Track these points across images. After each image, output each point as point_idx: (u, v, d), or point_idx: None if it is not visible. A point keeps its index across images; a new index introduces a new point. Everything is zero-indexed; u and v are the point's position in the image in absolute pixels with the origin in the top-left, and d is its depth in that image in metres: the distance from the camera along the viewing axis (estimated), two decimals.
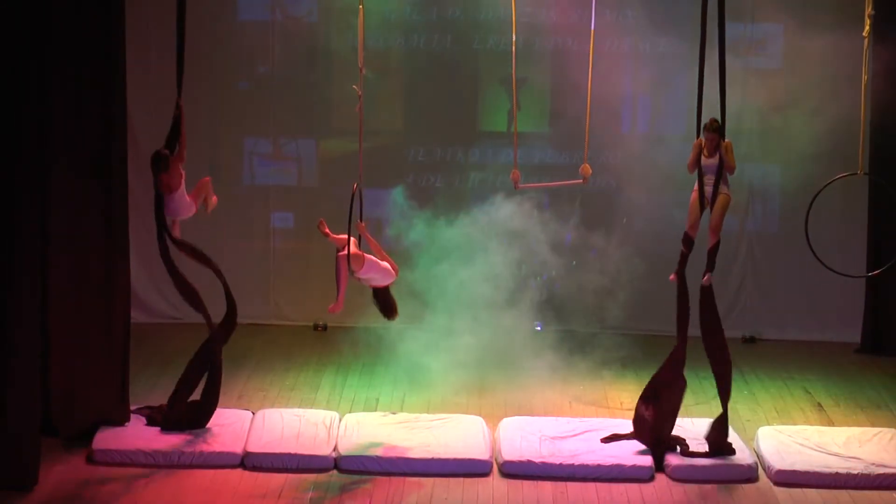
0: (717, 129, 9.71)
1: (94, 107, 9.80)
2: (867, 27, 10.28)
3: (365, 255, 9.76)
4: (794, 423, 10.83)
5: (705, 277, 9.85)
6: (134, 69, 10.45)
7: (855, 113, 12.73)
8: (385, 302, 9.94)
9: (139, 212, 11.42)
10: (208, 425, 10.17)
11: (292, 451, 9.77)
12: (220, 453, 9.74)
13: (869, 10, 10.28)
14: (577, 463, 9.70)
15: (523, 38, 11.70)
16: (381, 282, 9.86)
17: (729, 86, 9.64)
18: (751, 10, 13.27)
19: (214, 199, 10.18)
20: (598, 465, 9.68)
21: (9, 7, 8.95)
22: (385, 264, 9.84)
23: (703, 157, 9.80)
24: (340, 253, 9.61)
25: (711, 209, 9.84)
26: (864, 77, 10.37)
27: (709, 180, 9.79)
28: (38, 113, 9.18)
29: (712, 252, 9.85)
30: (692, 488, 9.53)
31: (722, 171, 9.74)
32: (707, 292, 9.85)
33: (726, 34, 9.44)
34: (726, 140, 9.71)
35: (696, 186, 9.91)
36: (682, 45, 12.47)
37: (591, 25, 10.11)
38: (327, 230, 9.77)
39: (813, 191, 10.17)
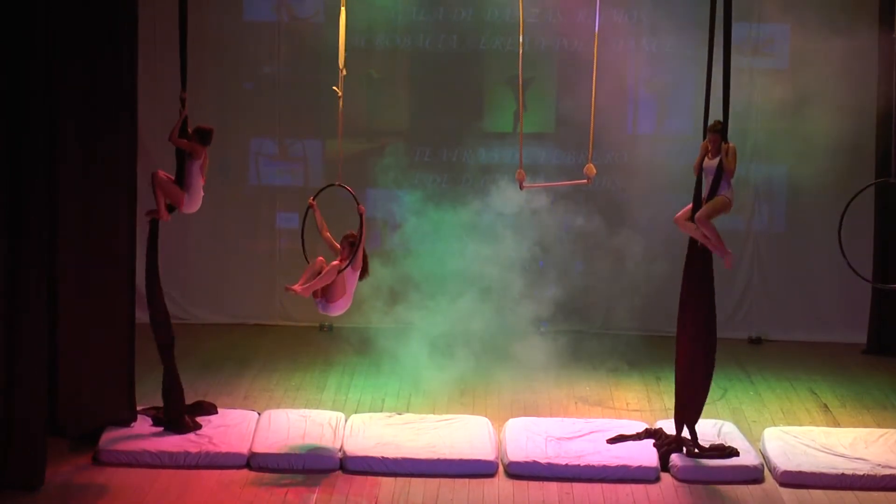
0: (718, 130, 9.57)
1: (102, 106, 9.79)
2: None
3: (345, 291, 9.87)
4: (800, 424, 10.82)
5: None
6: (140, 69, 10.43)
7: (862, 113, 12.77)
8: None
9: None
10: (213, 426, 10.21)
11: (298, 452, 9.78)
12: (226, 454, 9.74)
13: None
14: (582, 464, 9.69)
15: (529, 38, 11.69)
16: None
17: (736, 86, 9.62)
18: (758, 11, 13.27)
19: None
20: (604, 466, 9.67)
21: (17, 1, 8.94)
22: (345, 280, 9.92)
23: (706, 159, 9.66)
24: (342, 272, 9.82)
25: None
26: None
27: (709, 182, 9.69)
28: (45, 112, 9.17)
29: (698, 243, 9.68)
30: (697, 489, 9.51)
31: (720, 174, 9.61)
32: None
33: (733, 35, 9.42)
34: (730, 143, 9.56)
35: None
36: (689, 46, 12.48)
37: (597, 26, 10.11)
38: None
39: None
